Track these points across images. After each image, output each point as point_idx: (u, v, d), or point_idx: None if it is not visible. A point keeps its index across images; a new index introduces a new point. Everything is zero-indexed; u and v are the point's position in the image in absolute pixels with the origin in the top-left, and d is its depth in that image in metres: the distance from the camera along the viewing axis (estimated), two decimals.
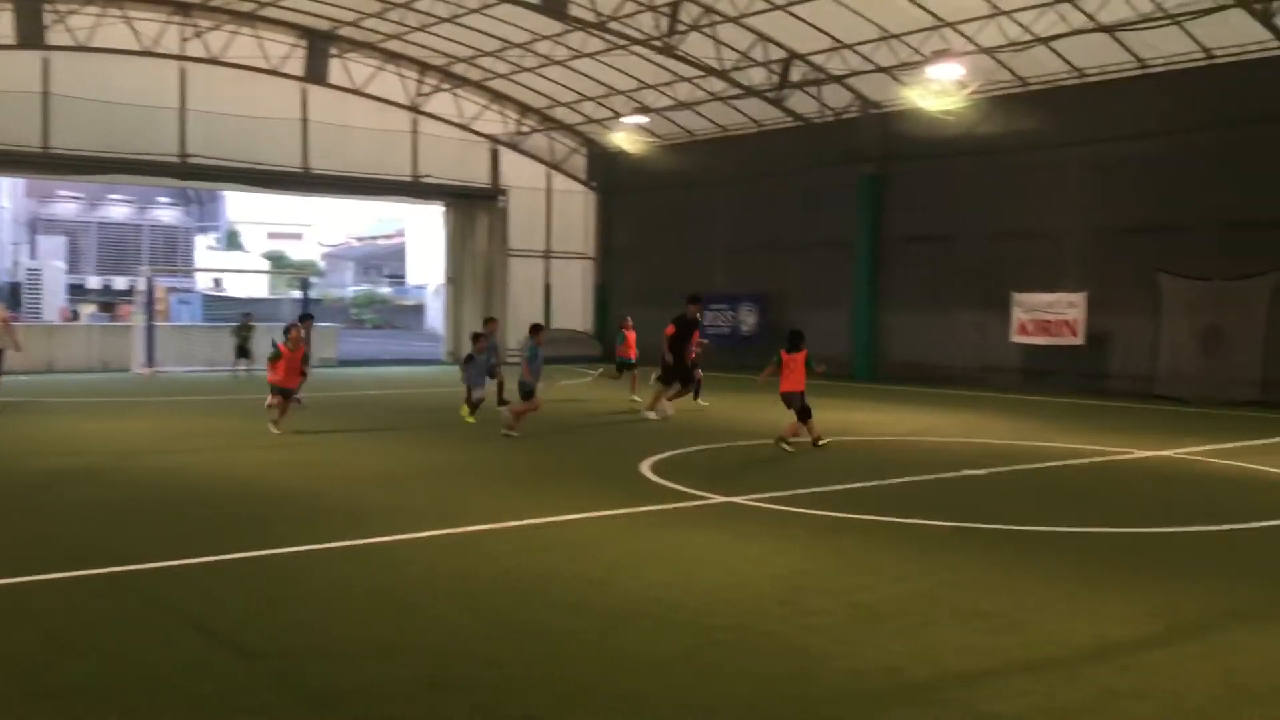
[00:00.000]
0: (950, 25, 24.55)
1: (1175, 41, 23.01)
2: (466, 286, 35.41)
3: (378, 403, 21.53)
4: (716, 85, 29.67)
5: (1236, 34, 21.94)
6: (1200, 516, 10.09)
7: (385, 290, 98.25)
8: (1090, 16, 22.63)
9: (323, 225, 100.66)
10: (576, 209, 38.50)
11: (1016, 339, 25.78)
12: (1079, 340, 24.51)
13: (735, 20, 25.68)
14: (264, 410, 16.15)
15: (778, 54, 27.63)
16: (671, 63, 28.21)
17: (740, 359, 33.57)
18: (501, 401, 17.93)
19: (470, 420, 17.34)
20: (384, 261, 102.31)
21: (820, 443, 14.42)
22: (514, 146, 36.41)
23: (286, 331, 16.51)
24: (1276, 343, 21.92)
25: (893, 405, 21.19)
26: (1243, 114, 22.57)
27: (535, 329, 16.60)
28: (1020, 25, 23.74)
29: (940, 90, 25.10)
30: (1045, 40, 23.79)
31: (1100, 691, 5.37)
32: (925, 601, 6.98)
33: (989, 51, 24.88)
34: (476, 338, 18.57)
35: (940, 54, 23.80)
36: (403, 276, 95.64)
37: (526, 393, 15.81)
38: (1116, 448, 15.02)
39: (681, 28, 25.20)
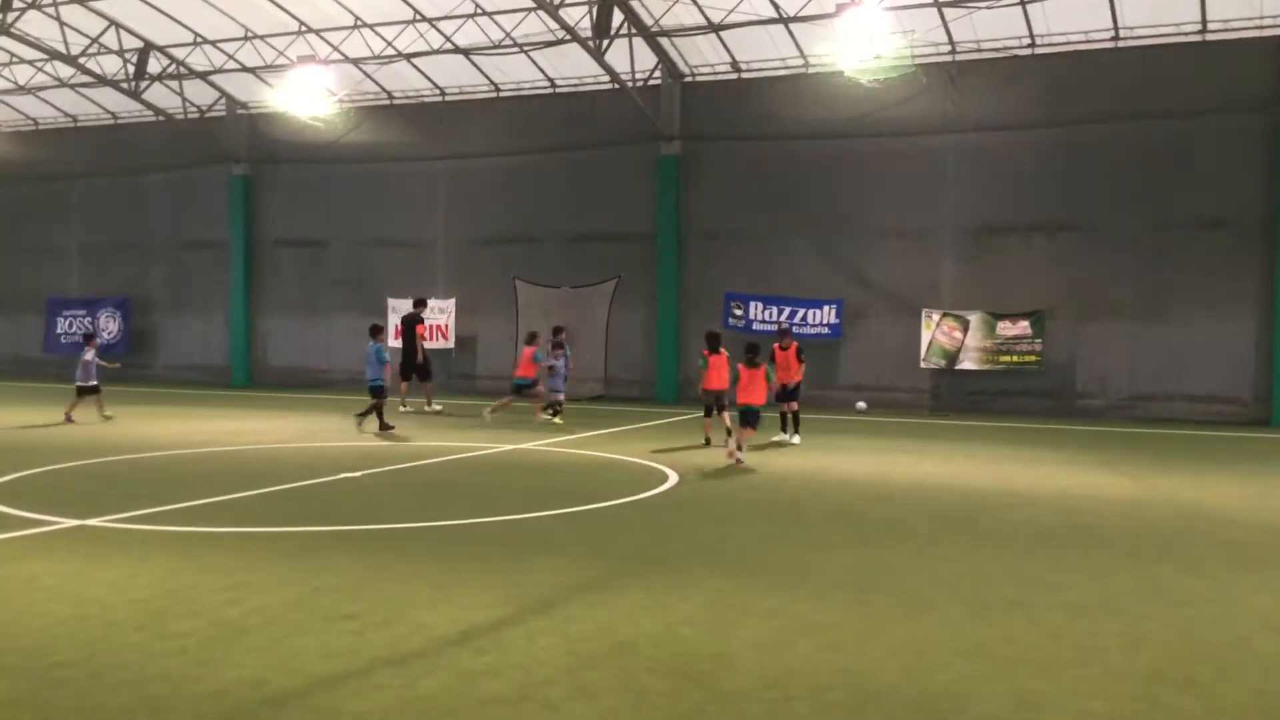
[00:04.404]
0: (315, 32, 24.66)
1: (524, 70, 25.18)
2: None
3: None
4: (64, 71, 27.01)
5: (576, 67, 24.52)
6: (553, 501, 11.11)
7: None
8: (447, 38, 23.97)
9: None
10: None
11: (394, 343, 26.51)
12: (450, 344, 25.82)
13: (82, 2, 23.59)
14: None
15: (133, 43, 25.82)
16: (8, 43, 25.17)
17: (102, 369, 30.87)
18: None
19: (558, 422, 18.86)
20: None
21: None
22: None
23: None
24: (615, 343, 24.88)
25: (271, 412, 20.78)
26: (583, 139, 25.27)
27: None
28: (384, 39, 24.48)
29: (309, 95, 25.07)
30: (407, 57, 24.76)
31: (458, 675, 5.72)
32: (296, 610, 6.94)
33: (354, 62, 25.34)
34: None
35: (305, 59, 23.80)
36: None
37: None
38: (484, 444, 16.06)
39: (19, 5, 22.59)
